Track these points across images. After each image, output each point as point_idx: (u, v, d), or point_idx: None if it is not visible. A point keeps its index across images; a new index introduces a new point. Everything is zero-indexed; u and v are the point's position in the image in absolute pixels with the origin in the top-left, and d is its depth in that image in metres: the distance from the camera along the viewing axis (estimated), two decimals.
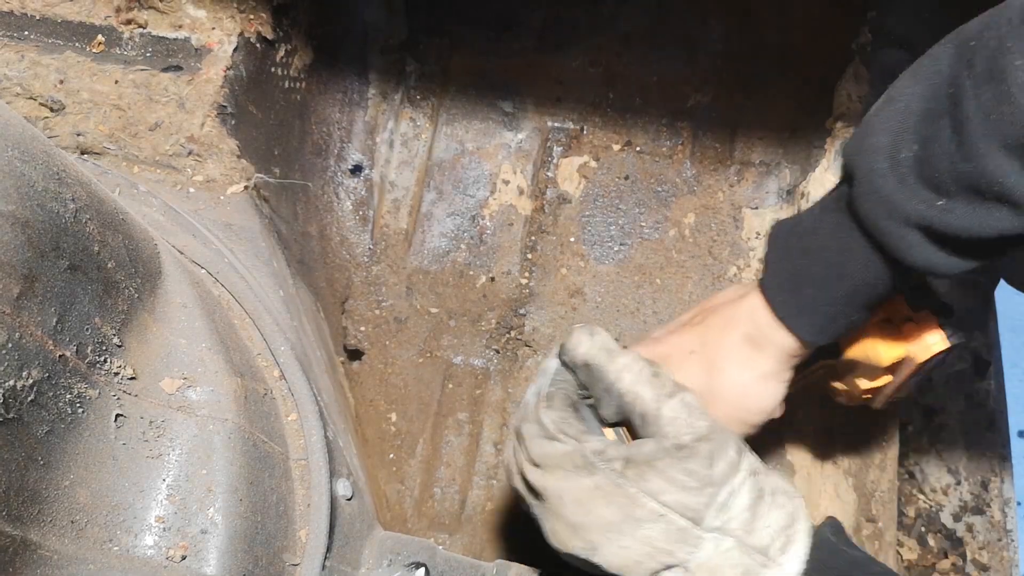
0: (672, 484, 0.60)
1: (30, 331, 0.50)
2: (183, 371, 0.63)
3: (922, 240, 0.61)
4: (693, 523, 0.60)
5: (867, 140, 0.62)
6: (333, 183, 1.18)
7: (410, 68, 1.24)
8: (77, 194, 0.56)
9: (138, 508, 0.58)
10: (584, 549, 0.63)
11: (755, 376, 0.73)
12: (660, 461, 0.61)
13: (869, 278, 0.67)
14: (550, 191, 1.21)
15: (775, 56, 1.19)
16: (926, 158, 0.58)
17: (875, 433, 1.02)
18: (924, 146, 0.59)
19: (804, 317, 0.70)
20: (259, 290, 0.77)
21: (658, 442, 0.62)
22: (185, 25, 0.90)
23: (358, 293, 1.17)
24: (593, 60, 1.22)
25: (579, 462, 0.63)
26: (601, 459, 0.62)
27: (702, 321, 0.76)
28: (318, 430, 0.71)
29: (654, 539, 0.61)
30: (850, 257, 0.66)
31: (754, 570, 0.60)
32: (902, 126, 0.60)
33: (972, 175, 0.56)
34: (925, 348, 0.75)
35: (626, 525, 0.61)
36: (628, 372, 0.65)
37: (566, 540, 0.64)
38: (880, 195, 0.61)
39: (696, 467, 0.61)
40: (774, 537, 0.61)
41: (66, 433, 0.53)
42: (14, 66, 0.86)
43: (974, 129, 0.55)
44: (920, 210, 0.59)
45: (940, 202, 0.58)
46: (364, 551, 0.74)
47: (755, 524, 0.61)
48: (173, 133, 0.85)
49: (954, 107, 0.57)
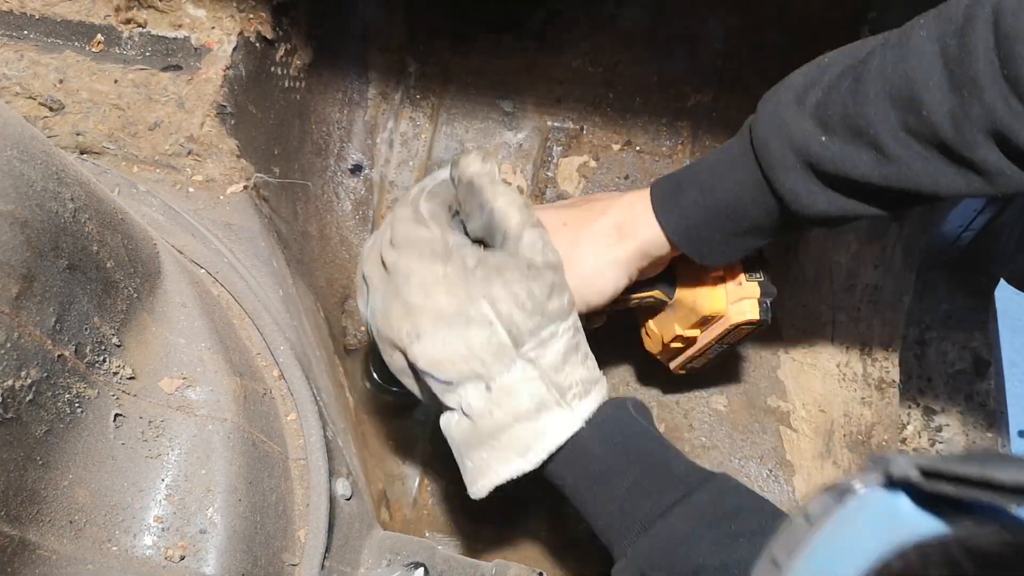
0: (511, 296, 0.64)
1: (29, 331, 0.50)
2: (182, 371, 0.63)
3: (797, 165, 0.67)
4: (514, 343, 0.64)
5: (786, 81, 0.70)
6: (333, 183, 1.18)
7: (410, 68, 1.24)
8: (76, 194, 0.56)
9: (137, 508, 0.58)
10: (409, 334, 0.65)
11: (608, 260, 0.76)
12: (509, 272, 0.65)
13: (746, 196, 0.71)
14: (550, 191, 1.20)
15: (775, 56, 1.19)
16: (825, 102, 0.65)
17: (875, 433, 1.02)
18: (827, 93, 0.66)
19: (676, 214, 0.74)
20: (258, 290, 0.77)
21: (510, 256, 0.66)
22: (185, 24, 0.90)
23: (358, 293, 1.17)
24: (593, 60, 1.22)
25: (438, 248, 0.66)
26: (457, 251, 0.66)
27: (584, 204, 0.80)
28: (317, 430, 0.71)
29: (475, 344, 0.64)
30: (735, 171, 0.71)
31: (548, 404, 0.65)
32: (818, 77, 0.68)
33: (855, 117, 0.63)
34: (739, 312, 0.83)
35: (456, 321, 0.64)
36: (504, 196, 0.68)
37: (395, 320, 0.66)
38: (777, 119, 0.67)
39: (536, 290, 0.65)
40: (575, 384, 0.66)
41: (65, 433, 0.53)
42: (13, 65, 0.86)
43: (871, 80, 0.63)
44: (805, 139, 0.66)
45: (823, 138, 0.65)
46: (363, 551, 0.74)
47: (564, 368, 0.65)
48: (172, 133, 0.84)
49: (862, 65, 0.64)
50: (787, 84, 0.70)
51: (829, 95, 0.65)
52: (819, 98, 0.66)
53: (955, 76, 0.58)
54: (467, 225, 0.70)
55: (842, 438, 1.05)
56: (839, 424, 1.04)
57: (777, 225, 0.73)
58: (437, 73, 1.24)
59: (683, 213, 0.74)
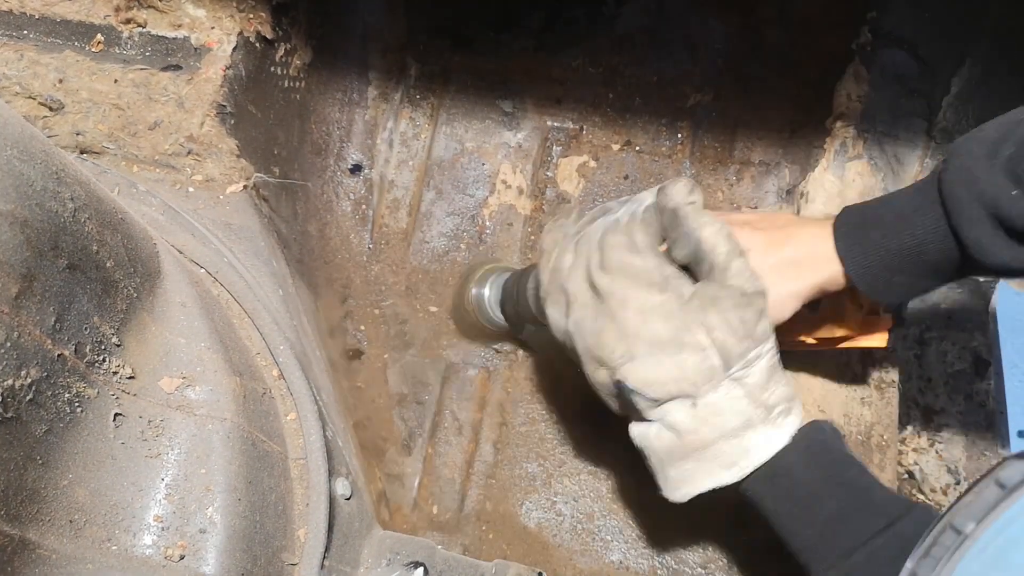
0: (725, 324, 0.68)
1: (28, 330, 0.50)
2: (182, 370, 0.63)
3: (985, 217, 0.67)
4: (724, 366, 0.68)
5: (977, 133, 0.71)
6: (333, 182, 1.18)
7: (410, 68, 1.24)
8: (76, 193, 0.56)
9: (137, 507, 0.58)
10: (622, 356, 0.69)
11: (788, 292, 0.77)
12: (723, 301, 0.68)
13: (930, 242, 0.72)
14: (549, 191, 1.20)
15: (775, 56, 1.19)
16: (1018, 157, 0.66)
17: (875, 433, 1.02)
18: (1020, 147, 0.66)
19: (858, 254, 0.75)
20: (258, 289, 0.77)
21: (723, 286, 0.69)
22: (184, 24, 0.90)
23: (358, 292, 1.17)
24: (593, 60, 1.22)
25: (655, 279, 0.70)
26: (673, 281, 0.70)
27: (764, 230, 0.80)
28: (317, 429, 0.71)
29: (688, 368, 0.68)
30: (922, 216, 0.72)
31: (755, 421, 0.69)
32: (1010, 131, 0.68)
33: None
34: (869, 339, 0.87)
35: (671, 345, 0.68)
36: (710, 227, 0.70)
37: (609, 341, 0.70)
38: (967, 171, 0.68)
39: (749, 317, 0.68)
40: (778, 402, 0.70)
41: (65, 432, 0.53)
42: (13, 65, 0.86)
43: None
44: (995, 192, 0.66)
45: (1014, 191, 0.65)
46: (363, 550, 0.74)
47: (768, 385, 0.69)
48: (172, 132, 0.84)
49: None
50: (979, 138, 0.70)
51: (1022, 150, 0.66)
52: (1012, 152, 0.67)
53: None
54: (672, 251, 0.73)
55: None
56: (839, 424, 1.04)
57: (956, 272, 0.74)
58: (437, 73, 1.24)
59: (865, 253, 0.75)
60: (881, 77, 1.07)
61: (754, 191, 1.17)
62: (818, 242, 0.77)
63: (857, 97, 1.07)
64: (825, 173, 1.06)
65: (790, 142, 1.17)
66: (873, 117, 1.07)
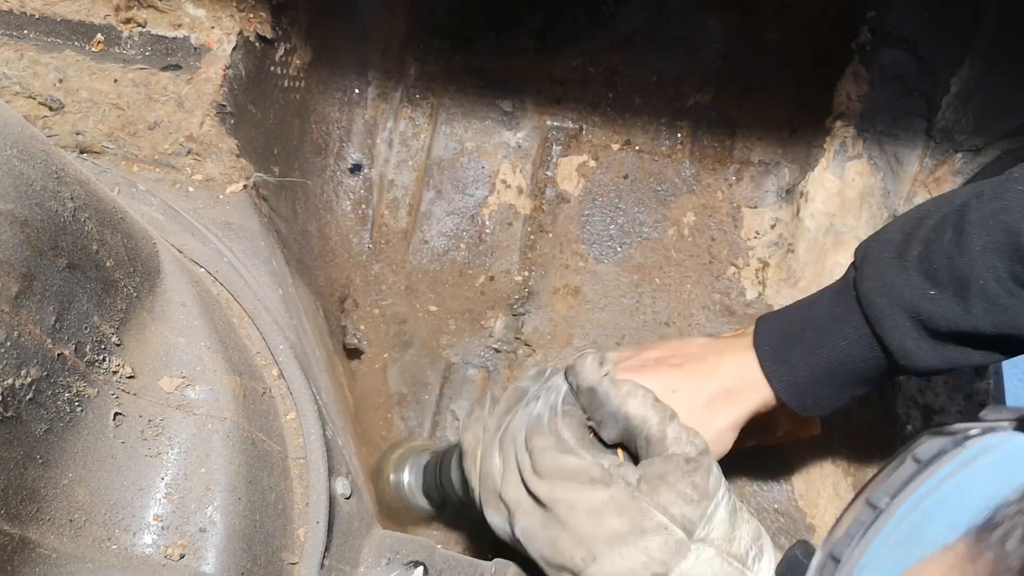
0: (679, 497, 0.65)
1: (28, 330, 0.50)
2: (182, 370, 0.63)
3: (906, 322, 0.68)
4: (687, 535, 0.65)
5: (883, 234, 0.71)
6: (332, 182, 1.18)
7: (410, 68, 1.24)
8: (76, 193, 0.56)
9: (137, 507, 0.58)
10: (584, 559, 0.66)
11: (723, 426, 0.76)
12: (671, 475, 0.66)
13: (855, 352, 0.72)
14: (549, 190, 1.21)
15: (775, 56, 1.19)
16: (928, 255, 0.67)
17: (874, 433, 1.02)
18: (927, 247, 0.67)
19: (785, 373, 0.75)
20: (258, 289, 0.77)
21: (667, 459, 0.67)
22: (184, 24, 0.90)
23: (358, 292, 1.17)
24: (593, 60, 1.22)
25: (596, 475, 0.67)
26: (616, 471, 0.67)
27: (682, 364, 0.78)
28: (317, 429, 0.71)
29: (652, 549, 0.65)
30: (843, 327, 0.72)
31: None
32: (915, 230, 0.69)
33: (962, 269, 0.64)
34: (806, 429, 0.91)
35: (631, 536, 0.65)
36: (632, 399, 0.70)
37: (567, 549, 0.67)
38: (882, 277, 0.69)
39: (699, 480, 0.66)
40: (748, 547, 0.67)
41: (65, 432, 0.53)
42: (13, 65, 0.86)
43: (973, 233, 0.64)
44: (913, 295, 0.67)
45: (932, 292, 0.66)
46: (363, 550, 0.74)
47: (733, 534, 0.66)
48: (172, 132, 0.84)
49: (958, 217, 0.66)
50: (883, 240, 0.70)
51: (930, 248, 0.67)
52: (920, 251, 0.67)
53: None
54: (602, 433, 0.71)
55: (842, 438, 1.05)
56: (839, 424, 1.04)
57: (882, 376, 0.74)
58: (437, 73, 1.24)
59: (792, 370, 0.75)
60: (881, 77, 1.07)
61: (754, 191, 1.18)
62: (743, 369, 0.76)
63: (857, 97, 1.07)
64: (825, 172, 1.06)
65: (790, 142, 1.18)
66: (873, 117, 1.07)
